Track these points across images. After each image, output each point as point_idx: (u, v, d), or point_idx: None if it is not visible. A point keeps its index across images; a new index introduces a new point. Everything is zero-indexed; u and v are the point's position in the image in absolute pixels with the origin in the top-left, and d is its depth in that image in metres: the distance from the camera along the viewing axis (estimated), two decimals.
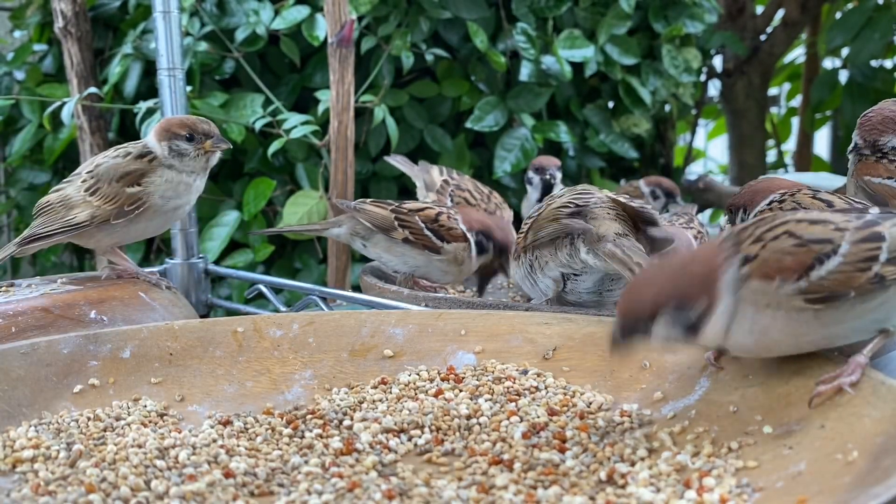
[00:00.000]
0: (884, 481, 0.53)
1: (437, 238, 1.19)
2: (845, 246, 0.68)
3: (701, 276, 0.68)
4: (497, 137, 1.89)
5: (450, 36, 1.91)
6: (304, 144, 1.76)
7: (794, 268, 0.67)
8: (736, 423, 0.71)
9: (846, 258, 0.68)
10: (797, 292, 0.67)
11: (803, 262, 0.67)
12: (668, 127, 2.38)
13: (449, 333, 0.91)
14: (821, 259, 0.67)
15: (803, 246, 0.68)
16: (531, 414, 0.78)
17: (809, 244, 0.68)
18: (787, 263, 0.67)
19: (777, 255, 0.68)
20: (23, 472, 0.70)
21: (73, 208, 1.10)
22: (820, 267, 0.67)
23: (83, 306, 1.04)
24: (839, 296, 0.67)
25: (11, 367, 0.81)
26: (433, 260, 1.20)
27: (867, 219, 0.71)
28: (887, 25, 2.41)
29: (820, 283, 0.67)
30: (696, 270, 0.69)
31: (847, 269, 0.67)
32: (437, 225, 1.20)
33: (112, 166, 1.10)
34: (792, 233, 0.69)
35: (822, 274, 0.67)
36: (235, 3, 1.83)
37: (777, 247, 0.68)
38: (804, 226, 0.70)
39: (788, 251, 0.68)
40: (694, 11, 2.07)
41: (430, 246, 1.20)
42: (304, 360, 0.90)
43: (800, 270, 0.67)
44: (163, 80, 1.37)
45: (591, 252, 0.98)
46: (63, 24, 1.90)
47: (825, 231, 0.69)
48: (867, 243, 0.68)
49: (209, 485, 0.66)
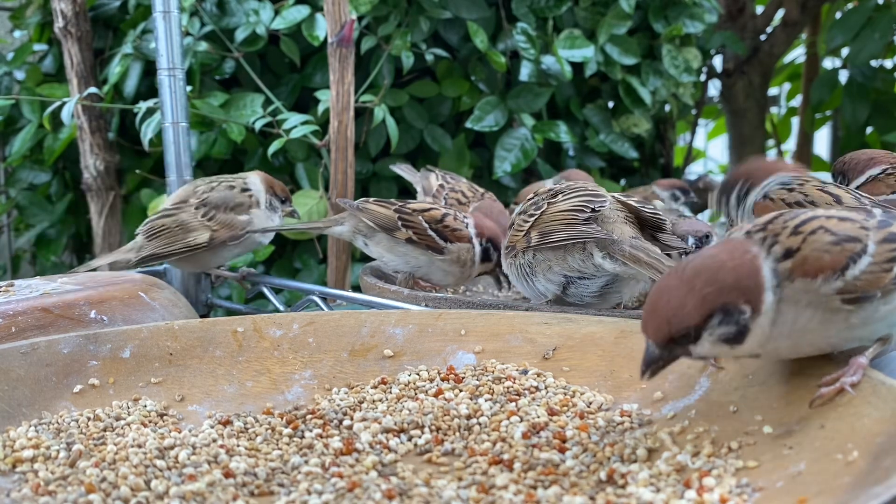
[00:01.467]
0: (884, 481, 0.53)
1: (440, 238, 1.19)
2: (872, 246, 0.67)
3: (745, 275, 0.63)
4: (497, 137, 1.89)
5: (450, 36, 1.91)
6: (304, 144, 1.76)
7: (833, 266, 0.65)
8: (736, 423, 0.71)
9: (874, 258, 0.66)
10: (836, 292, 0.65)
11: (839, 260, 0.65)
12: (668, 127, 2.38)
13: (449, 333, 0.91)
14: (854, 258, 0.65)
15: (839, 244, 0.66)
16: (531, 414, 0.78)
17: (843, 242, 0.66)
18: (827, 261, 0.65)
19: (817, 252, 0.65)
20: (23, 472, 0.70)
21: (192, 231, 1.26)
22: (854, 266, 0.65)
23: (83, 306, 1.04)
24: (869, 296, 0.66)
25: (11, 367, 0.81)
26: (435, 260, 1.20)
27: (879, 219, 0.70)
28: (887, 25, 2.41)
29: (854, 282, 0.65)
30: (738, 269, 0.64)
31: (875, 269, 0.66)
32: (441, 226, 1.20)
33: (225, 196, 1.29)
34: (827, 229, 0.66)
35: (856, 273, 0.65)
36: (235, 3, 1.83)
37: (817, 242, 0.65)
38: (834, 222, 0.67)
39: (826, 248, 0.65)
40: (694, 11, 2.07)
41: (433, 246, 1.19)
42: (304, 360, 0.90)
43: (837, 269, 0.65)
44: (163, 80, 1.37)
45: (606, 256, 0.97)
46: (63, 24, 1.90)
47: (854, 229, 0.67)
48: (888, 244, 0.67)
49: (209, 485, 0.66)
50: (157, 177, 1.92)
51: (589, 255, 0.98)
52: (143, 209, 1.93)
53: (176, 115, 1.38)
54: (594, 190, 1.04)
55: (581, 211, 0.99)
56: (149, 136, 1.63)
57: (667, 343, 0.64)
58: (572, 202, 1.01)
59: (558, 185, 1.11)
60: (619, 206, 1.01)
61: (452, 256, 1.20)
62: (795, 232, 0.66)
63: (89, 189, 1.96)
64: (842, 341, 0.69)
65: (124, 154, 2.00)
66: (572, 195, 1.03)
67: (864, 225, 0.68)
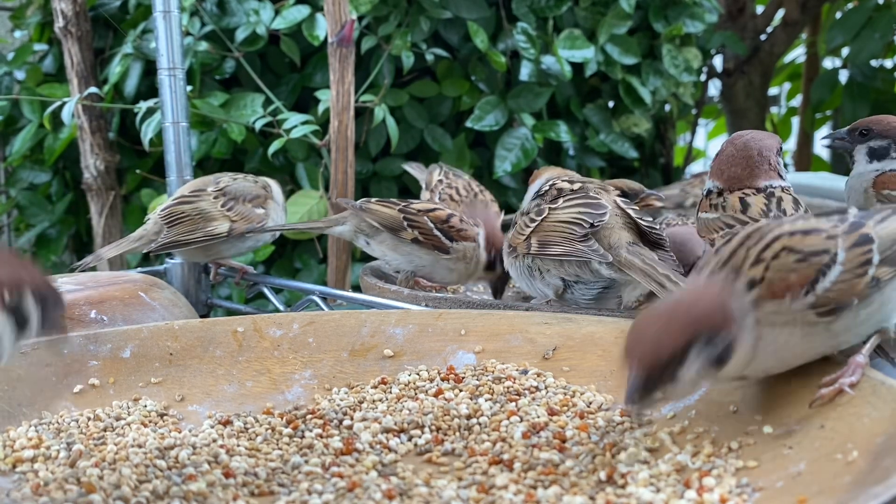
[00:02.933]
0: (884, 481, 0.53)
1: (446, 238, 1.19)
2: (841, 254, 0.67)
3: (718, 306, 0.65)
4: (497, 137, 1.89)
5: (450, 36, 1.91)
6: (304, 144, 1.76)
7: (801, 283, 0.66)
8: (736, 423, 0.71)
9: (844, 266, 0.67)
10: (808, 307, 0.66)
11: (807, 275, 0.66)
12: (668, 127, 2.38)
13: (449, 333, 0.91)
14: (823, 271, 0.66)
15: (804, 261, 0.67)
16: (531, 414, 0.78)
17: (809, 258, 0.67)
18: (793, 280, 0.66)
19: (781, 273, 0.66)
20: (23, 472, 0.70)
21: (213, 220, 1.25)
22: (823, 279, 0.66)
23: (83, 306, 1.04)
24: (845, 305, 0.66)
25: (11, 367, 0.81)
26: (441, 259, 1.20)
27: (851, 221, 0.70)
28: (887, 25, 2.41)
29: (826, 295, 0.66)
30: (711, 301, 0.66)
31: (847, 276, 0.67)
32: (447, 225, 1.19)
33: (244, 188, 1.30)
34: (790, 248, 0.67)
35: (826, 286, 0.66)
36: (235, 3, 1.83)
37: (780, 265, 0.67)
38: (798, 238, 0.68)
39: (791, 268, 0.66)
40: (694, 11, 2.07)
41: (439, 246, 1.19)
42: (304, 360, 0.90)
43: (806, 285, 0.66)
44: (163, 80, 1.37)
45: (603, 263, 0.97)
46: (63, 24, 1.90)
47: (819, 241, 0.68)
48: (859, 248, 0.68)
49: (209, 485, 0.66)
50: (157, 177, 1.92)
51: (585, 263, 0.99)
52: (143, 209, 1.93)
53: (176, 115, 1.38)
54: (595, 199, 1.03)
55: (579, 225, 0.99)
56: (149, 135, 1.63)
57: (649, 379, 0.64)
58: (571, 213, 1.01)
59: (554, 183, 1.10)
60: (619, 213, 1.01)
61: (458, 255, 1.19)
62: (758, 261, 0.67)
63: (89, 189, 1.96)
64: (832, 347, 0.69)
65: (124, 154, 2.00)
66: (573, 202, 1.03)
67: (831, 234, 0.68)
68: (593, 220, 0.99)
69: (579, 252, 0.98)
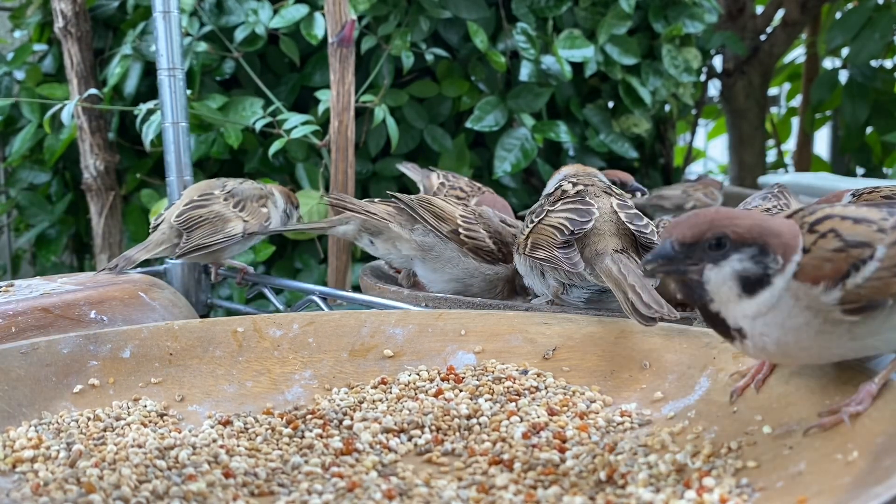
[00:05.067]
0: (884, 481, 0.53)
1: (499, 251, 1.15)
2: (881, 249, 0.62)
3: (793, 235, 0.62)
4: (497, 137, 1.89)
5: (450, 36, 1.91)
6: (304, 144, 1.76)
7: (832, 276, 0.62)
8: (736, 423, 0.71)
9: (883, 262, 0.62)
10: (836, 302, 0.62)
11: (840, 269, 0.62)
12: (668, 127, 2.38)
13: (449, 333, 0.91)
14: (857, 265, 0.62)
15: (843, 251, 0.62)
16: (531, 414, 0.78)
17: (849, 248, 0.62)
18: (827, 271, 0.62)
19: (819, 260, 0.62)
20: (23, 472, 0.70)
21: (229, 222, 1.27)
22: (856, 273, 0.62)
23: (83, 306, 1.04)
24: (876, 305, 0.62)
25: (11, 367, 0.81)
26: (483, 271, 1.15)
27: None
28: (887, 25, 2.41)
29: (857, 291, 0.61)
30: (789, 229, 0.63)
31: (884, 274, 0.62)
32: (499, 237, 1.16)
33: (250, 188, 1.32)
34: (837, 232, 0.63)
35: (858, 281, 0.61)
36: (234, 2, 1.83)
37: (822, 248, 0.63)
38: (848, 224, 0.64)
39: (828, 257, 0.62)
40: (694, 11, 2.07)
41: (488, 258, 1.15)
42: (304, 360, 0.90)
43: (836, 278, 0.62)
44: (163, 81, 1.37)
45: (587, 268, 0.96)
46: (63, 24, 1.90)
47: (867, 233, 0.63)
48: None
49: (209, 485, 0.66)
50: (157, 177, 1.92)
51: None
52: (143, 209, 1.93)
53: (176, 116, 1.38)
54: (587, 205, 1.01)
55: (561, 231, 0.98)
56: (150, 136, 1.63)
57: (692, 243, 0.61)
58: (560, 218, 1.00)
59: (560, 184, 1.10)
60: (613, 219, 1.00)
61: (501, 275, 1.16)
62: (811, 230, 0.64)
63: (89, 189, 1.96)
64: (850, 352, 0.65)
65: (124, 154, 2.00)
66: (564, 207, 1.02)
67: (881, 226, 0.64)
68: (574, 228, 0.98)
69: (555, 259, 0.97)
